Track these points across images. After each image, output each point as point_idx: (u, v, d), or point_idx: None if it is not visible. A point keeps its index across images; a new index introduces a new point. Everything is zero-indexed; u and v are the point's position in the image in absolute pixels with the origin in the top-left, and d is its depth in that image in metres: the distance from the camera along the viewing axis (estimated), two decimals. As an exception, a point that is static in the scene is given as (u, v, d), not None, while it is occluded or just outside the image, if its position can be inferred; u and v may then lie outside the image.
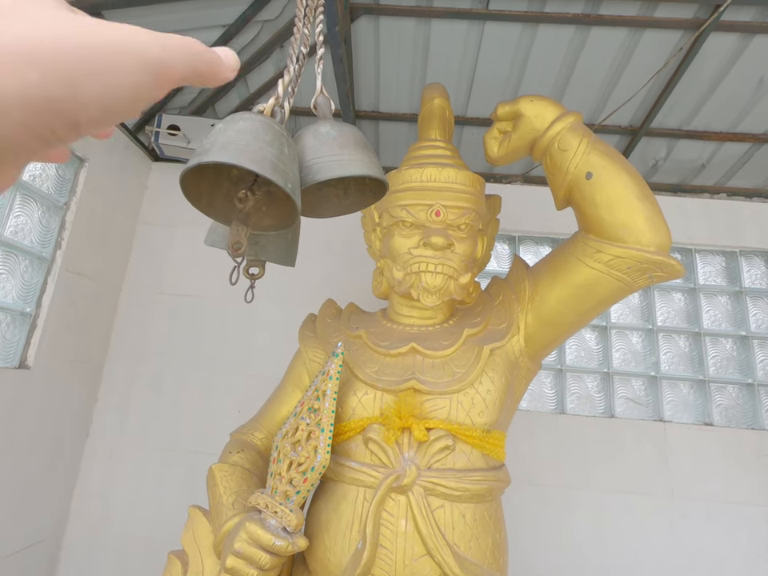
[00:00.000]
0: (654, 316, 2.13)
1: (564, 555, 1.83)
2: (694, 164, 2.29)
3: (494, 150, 1.16)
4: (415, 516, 0.91)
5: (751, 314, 2.14)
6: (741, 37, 1.75)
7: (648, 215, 0.95)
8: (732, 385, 2.05)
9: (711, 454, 1.92)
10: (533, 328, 1.12)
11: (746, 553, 1.85)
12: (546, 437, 1.95)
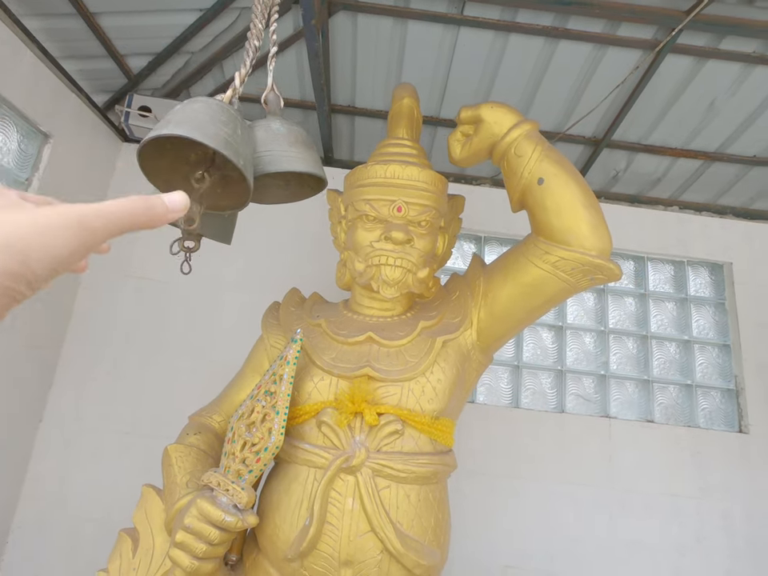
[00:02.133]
0: (606, 318, 2.25)
1: (511, 541, 1.93)
2: (651, 177, 2.42)
3: (456, 151, 1.22)
4: (362, 495, 0.96)
5: (694, 320, 2.29)
6: (695, 60, 1.87)
7: (592, 222, 1.03)
8: (673, 385, 2.20)
9: (651, 450, 2.06)
10: (485, 323, 1.19)
11: (676, 542, 1.99)
12: (500, 429, 2.04)
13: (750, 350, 2.18)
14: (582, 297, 2.30)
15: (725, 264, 2.34)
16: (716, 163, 2.32)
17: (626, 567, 1.92)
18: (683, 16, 1.63)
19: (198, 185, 0.55)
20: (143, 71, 2.10)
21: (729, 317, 2.28)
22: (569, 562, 1.92)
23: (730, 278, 2.30)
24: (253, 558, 1.08)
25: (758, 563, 1.95)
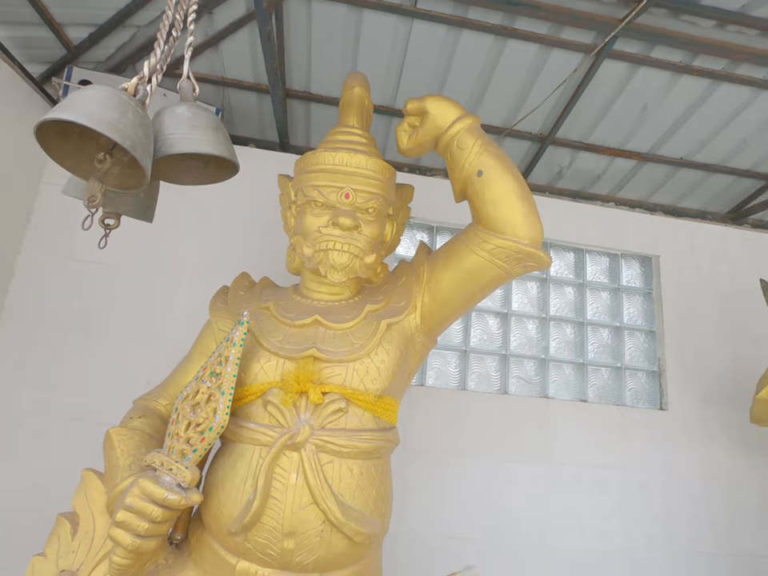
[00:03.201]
0: (547, 306, 2.40)
1: (454, 514, 2.04)
2: (592, 174, 2.58)
3: (403, 141, 1.26)
4: (305, 470, 1.00)
5: (625, 308, 2.49)
6: (630, 66, 2.01)
7: (525, 212, 1.11)
8: (605, 368, 2.39)
9: (584, 427, 2.23)
10: (428, 307, 1.25)
11: (603, 510, 2.18)
12: (448, 410, 2.14)
13: (672, 336, 2.40)
14: (526, 286, 2.44)
15: (653, 257, 2.55)
16: (648, 164, 2.51)
17: (558, 534, 2.09)
18: (619, 23, 1.75)
19: (99, 165, 0.59)
20: (84, 43, 1.99)
21: (655, 305, 2.49)
22: (506, 530, 2.06)
23: (657, 270, 2.51)
24: (198, 535, 1.10)
25: (672, 527, 2.17)
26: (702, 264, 2.53)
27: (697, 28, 1.82)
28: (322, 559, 0.99)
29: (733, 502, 2.23)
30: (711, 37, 1.84)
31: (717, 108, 2.17)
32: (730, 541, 2.18)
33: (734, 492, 2.24)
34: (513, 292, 2.40)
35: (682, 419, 2.29)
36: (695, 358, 2.38)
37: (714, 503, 2.22)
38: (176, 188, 1.36)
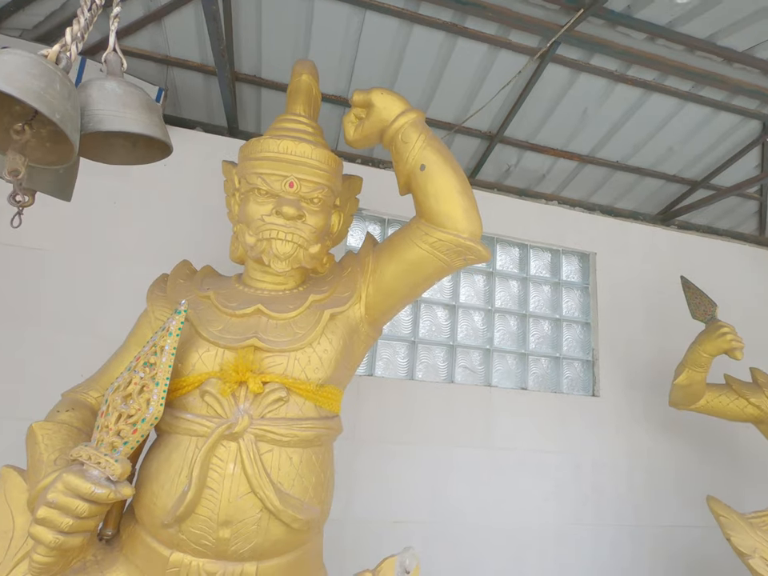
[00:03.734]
0: (493, 299, 2.50)
1: (401, 499, 2.10)
2: (537, 173, 2.70)
3: (350, 132, 1.27)
4: (243, 459, 0.99)
5: (564, 301, 2.64)
6: (571, 72, 2.12)
7: (465, 207, 1.15)
8: (544, 357, 2.53)
9: (524, 414, 2.36)
10: (372, 297, 1.27)
11: (541, 491, 2.32)
12: (396, 400, 2.19)
13: (605, 328, 2.57)
14: (473, 279, 2.52)
15: (591, 254, 2.72)
16: (588, 165, 2.66)
17: (497, 515, 2.20)
18: (561, 29, 1.83)
19: (17, 136, 0.54)
20: (8, 6, 1.83)
21: (591, 299, 2.66)
22: (450, 513, 2.15)
23: (593, 266, 2.68)
24: (130, 530, 1.07)
25: (599, 504, 2.35)
26: (633, 261, 2.72)
27: (631, 39, 1.95)
28: (259, 547, 1.00)
29: (653, 478, 2.45)
30: (643, 49, 1.97)
31: (648, 116, 2.34)
32: (649, 514, 2.39)
33: (654, 470, 2.46)
34: (461, 285, 2.48)
35: (612, 405, 2.48)
36: (624, 348, 2.57)
37: (637, 481, 2.42)
38: (117, 169, 1.28)
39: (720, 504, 1.78)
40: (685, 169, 2.71)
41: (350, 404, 2.12)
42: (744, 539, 1.68)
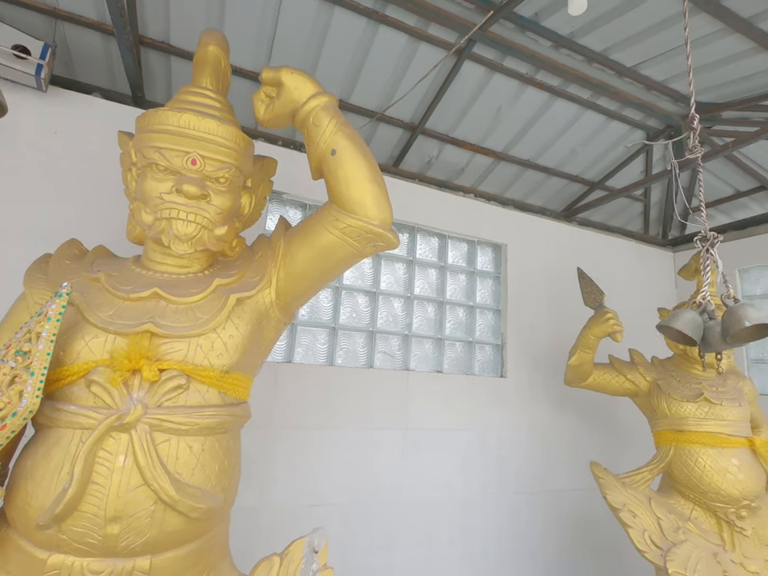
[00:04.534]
0: (412, 286, 2.59)
1: (321, 484, 2.12)
2: (457, 167, 2.82)
3: (260, 111, 1.22)
4: (135, 451, 0.94)
5: (478, 290, 2.80)
6: (487, 71, 2.22)
7: (375, 195, 1.16)
8: (459, 342, 2.68)
9: (439, 395, 2.48)
10: (283, 282, 1.25)
11: (452, 466, 2.47)
12: (316, 386, 2.19)
13: (513, 314, 2.78)
14: (394, 266, 2.58)
15: (503, 245, 2.91)
16: (503, 162, 2.83)
17: (413, 490, 2.32)
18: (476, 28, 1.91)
19: None
20: None
21: (502, 288, 2.85)
22: (368, 493, 2.22)
23: (505, 257, 2.87)
24: (2, 534, 0.97)
25: (501, 475, 2.56)
26: (539, 253, 2.96)
27: (538, 46, 2.09)
28: (153, 540, 0.96)
29: (548, 449, 2.72)
30: (549, 56, 2.12)
31: (554, 119, 2.53)
32: (544, 481, 2.66)
33: (550, 441, 2.73)
34: (382, 272, 2.53)
35: (516, 385, 2.70)
36: (528, 333, 2.80)
37: (535, 452, 2.68)
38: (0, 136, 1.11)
39: (600, 468, 2.03)
40: (585, 170, 2.99)
41: (267, 391, 2.09)
42: (617, 496, 1.94)
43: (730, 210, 3.30)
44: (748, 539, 1.87)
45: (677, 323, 1.02)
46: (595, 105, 2.45)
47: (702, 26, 1.83)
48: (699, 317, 1.02)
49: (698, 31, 1.86)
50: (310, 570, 1.26)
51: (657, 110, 2.44)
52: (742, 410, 1.99)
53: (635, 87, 2.35)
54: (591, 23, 1.93)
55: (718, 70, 2.12)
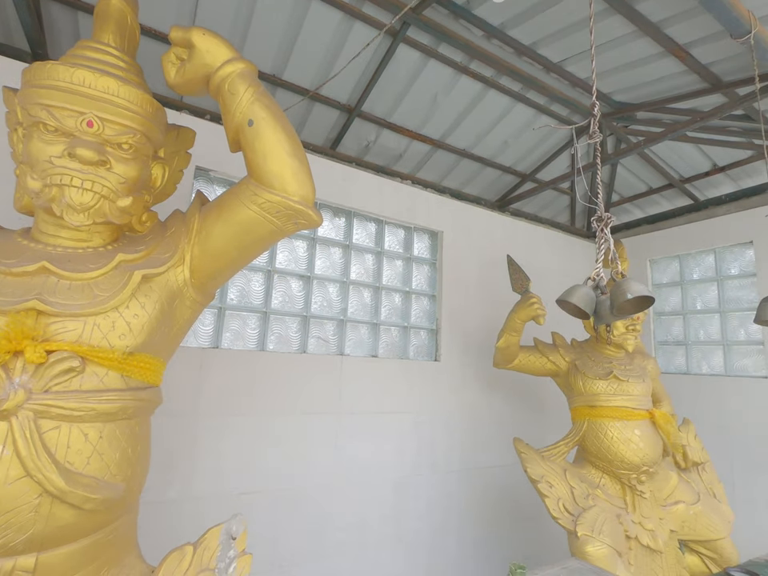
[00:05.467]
0: (348, 271, 2.57)
1: (251, 471, 2.07)
2: (395, 152, 2.82)
3: (170, 74, 1.14)
4: (16, 440, 0.85)
5: (414, 276, 2.84)
6: (422, 56, 2.23)
7: (294, 169, 1.13)
8: (395, 327, 2.71)
9: (374, 380, 2.50)
10: (198, 260, 1.18)
11: (387, 451, 2.51)
12: (246, 372, 2.12)
13: (447, 299, 2.85)
14: (329, 250, 2.55)
15: (439, 232, 2.96)
16: (440, 150, 2.87)
17: (347, 474, 2.33)
18: (410, 11, 1.90)
19: None
20: None
21: (437, 274, 2.92)
22: (300, 479, 2.19)
23: (441, 244, 2.93)
24: None
25: (433, 455, 2.65)
26: (472, 241, 3.05)
27: (471, 35, 2.12)
28: (39, 535, 0.88)
29: (477, 429, 2.84)
30: (482, 45, 2.16)
31: (488, 110, 2.60)
32: (472, 459, 2.78)
33: (479, 421, 2.86)
34: (316, 257, 2.48)
35: (449, 368, 2.78)
36: (462, 318, 2.89)
37: (466, 432, 2.79)
38: None
39: (522, 444, 2.16)
40: (517, 162, 3.10)
41: (193, 378, 1.99)
42: (536, 469, 2.07)
43: (644, 206, 3.59)
44: (646, 501, 2.07)
45: (572, 297, 1.09)
46: (525, 98, 2.54)
47: (616, 28, 1.95)
48: (592, 291, 1.10)
49: (613, 32, 1.98)
50: (227, 557, 1.23)
51: (581, 107, 2.57)
52: (645, 385, 2.18)
53: (561, 83, 2.46)
54: (519, 16, 1.99)
55: (632, 71, 2.27)
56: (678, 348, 3.21)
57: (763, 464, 2.61)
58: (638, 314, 2.26)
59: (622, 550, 1.91)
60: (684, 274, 3.24)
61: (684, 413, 2.61)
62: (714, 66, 2.10)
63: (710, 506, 2.15)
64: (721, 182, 3.14)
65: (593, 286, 1.12)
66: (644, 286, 1.01)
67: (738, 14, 1.44)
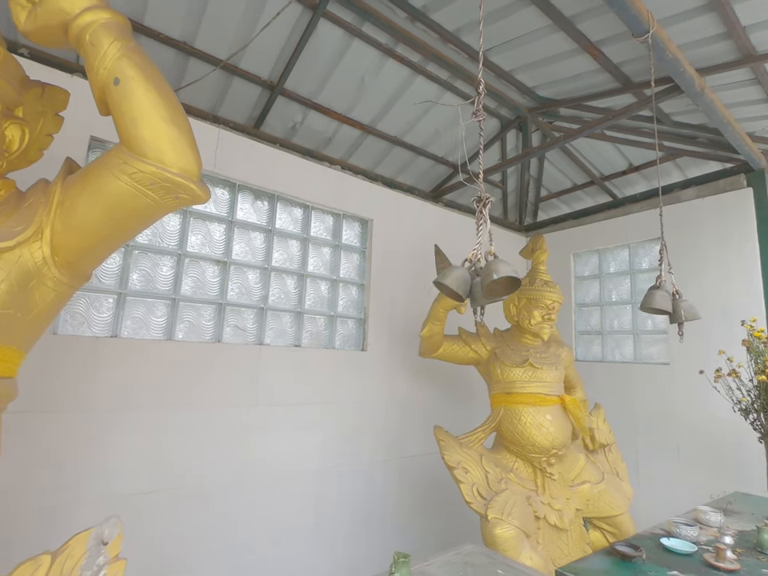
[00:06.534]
0: (270, 257, 2.46)
1: (149, 469, 1.93)
2: (323, 135, 2.72)
3: (20, 19, 0.99)
4: None
5: (342, 264, 2.78)
6: (346, 34, 2.14)
7: (172, 138, 1.01)
8: (321, 316, 2.64)
9: (296, 370, 2.42)
10: (61, 236, 1.04)
11: (310, 442, 2.44)
12: (150, 363, 1.97)
13: (376, 289, 2.82)
14: (250, 235, 2.42)
15: (369, 220, 2.92)
16: (370, 136, 2.81)
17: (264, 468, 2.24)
18: (327, -17, 1.81)
19: None
20: None
21: (367, 262, 2.87)
22: (210, 475, 2.08)
23: (370, 232, 2.89)
24: None
25: (359, 444, 2.62)
26: (403, 230, 3.03)
27: (395, 16, 2.07)
28: None
29: (405, 418, 2.85)
30: (406, 28, 2.12)
31: (417, 96, 2.57)
32: (399, 448, 2.79)
33: (407, 410, 2.87)
34: (234, 240, 2.35)
35: (377, 357, 2.76)
36: (390, 307, 2.87)
37: (393, 421, 2.79)
38: None
39: (442, 431, 2.17)
40: (449, 153, 3.12)
41: (85, 370, 1.81)
42: (453, 456, 2.10)
43: (570, 201, 3.75)
44: (555, 482, 2.16)
45: (446, 279, 1.08)
46: (453, 87, 2.54)
47: (532, 20, 1.97)
48: (468, 273, 1.09)
49: (530, 24, 2.00)
50: (95, 565, 1.11)
51: (507, 100, 2.61)
52: (557, 372, 2.27)
53: (487, 74, 2.48)
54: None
55: (551, 66, 2.33)
56: (595, 337, 3.40)
57: (663, 444, 2.83)
58: (553, 305, 2.36)
59: (530, 530, 1.98)
60: (602, 268, 3.42)
61: (598, 398, 2.76)
62: (625, 66, 2.20)
63: (612, 484, 2.29)
64: (636, 181, 3.33)
65: (469, 267, 1.11)
66: (511, 267, 1.01)
67: (636, 12, 1.49)
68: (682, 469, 2.72)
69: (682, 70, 1.79)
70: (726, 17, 1.64)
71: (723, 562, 1.35)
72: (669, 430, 2.81)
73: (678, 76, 1.82)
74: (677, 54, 1.71)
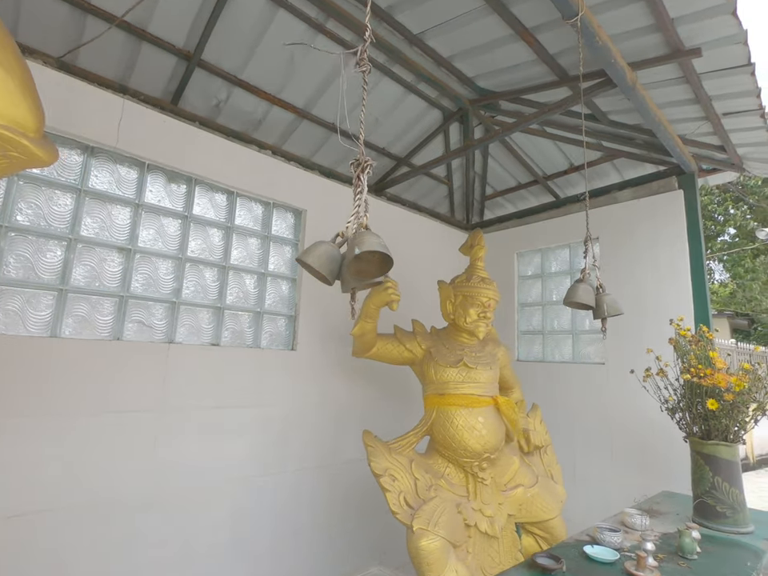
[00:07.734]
0: (185, 246, 2.22)
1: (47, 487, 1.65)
2: (252, 117, 2.51)
3: None
4: None
5: (271, 256, 2.58)
6: (269, 4, 1.96)
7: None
8: (244, 312, 2.42)
9: (212, 370, 2.19)
10: None
11: (233, 450, 2.22)
12: (34, 364, 1.69)
13: (308, 284, 2.63)
14: (161, 221, 2.17)
15: (303, 211, 2.73)
16: (305, 121, 2.63)
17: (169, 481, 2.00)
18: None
19: None
20: None
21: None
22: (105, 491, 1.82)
23: (304, 223, 2.70)
24: None
25: (286, 451, 2.42)
26: (341, 223, 2.83)
27: (322, -15, 1.91)
28: None
29: (340, 422, 2.68)
30: (335, 1, 1.96)
31: (354, 82, 2.41)
32: (332, 453, 2.61)
33: (342, 413, 2.70)
34: (142, 225, 2.09)
35: (308, 357, 2.57)
36: (324, 304, 2.69)
37: (326, 425, 2.61)
38: None
39: (370, 436, 2.02)
40: (391, 144, 2.99)
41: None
42: (381, 462, 1.94)
43: (515, 200, 3.73)
44: (487, 487, 2.06)
45: (308, 257, 0.94)
46: (392, 72, 2.41)
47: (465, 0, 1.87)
48: (336, 250, 0.95)
49: (463, 5, 1.90)
50: None
51: (448, 90, 2.51)
52: (492, 373, 2.18)
53: (426, 60, 2.37)
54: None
55: (488, 54, 2.24)
56: (536, 337, 3.38)
57: (598, 444, 2.83)
58: (489, 302, 2.27)
59: (458, 540, 1.87)
60: (544, 267, 3.41)
61: (538, 398, 2.70)
62: (561, 58, 2.15)
63: (545, 487, 2.22)
64: (578, 181, 3.34)
65: (340, 243, 0.97)
66: (380, 241, 0.88)
67: (564, -10, 1.42)
68: (615, 469, 2.72)
69: (613, 61, 1.75)
70: (654, 7, 1.61)
71: (643, 571, 1.28)
72: (603, 429, 2.81)
73: (610, 67, 1.78)
74: (607, 42, 1.66)
